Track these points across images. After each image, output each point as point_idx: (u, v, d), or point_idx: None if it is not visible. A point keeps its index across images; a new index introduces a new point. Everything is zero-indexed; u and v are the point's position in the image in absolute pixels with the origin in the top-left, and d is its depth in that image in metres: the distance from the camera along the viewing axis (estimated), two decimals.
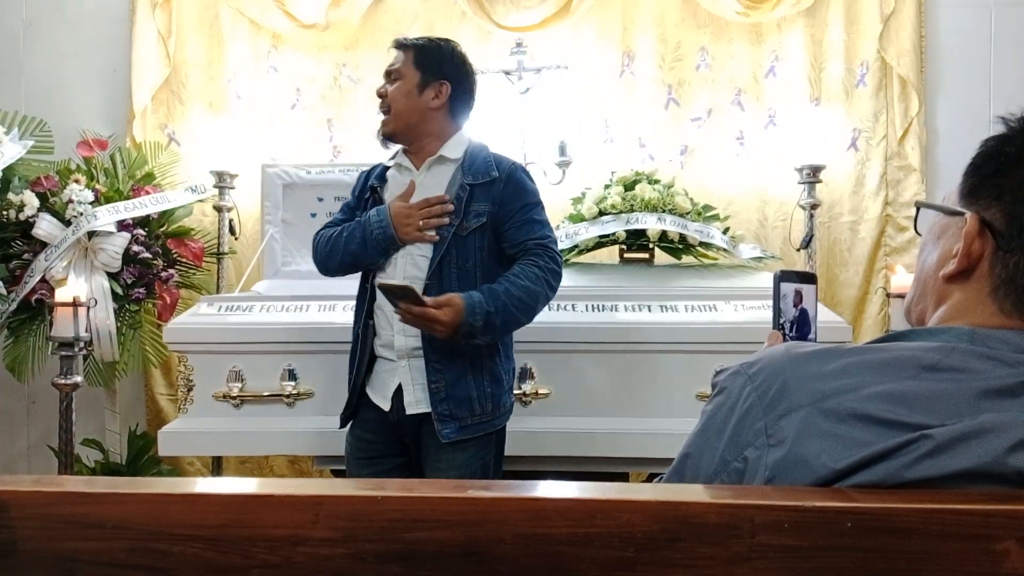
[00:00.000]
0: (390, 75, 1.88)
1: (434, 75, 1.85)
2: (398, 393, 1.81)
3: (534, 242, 1.82)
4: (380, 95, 1.88)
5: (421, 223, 1.80)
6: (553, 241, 1.86)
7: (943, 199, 0.81)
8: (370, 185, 1.92)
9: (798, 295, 1.03)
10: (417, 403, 1.81)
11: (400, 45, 1.90)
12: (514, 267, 1.81)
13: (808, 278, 1.05)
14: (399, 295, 1.67)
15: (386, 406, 1.82)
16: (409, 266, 1.83)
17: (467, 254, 1.82)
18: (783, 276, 1.03)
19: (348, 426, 1.92)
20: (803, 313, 1.03)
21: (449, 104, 1.87)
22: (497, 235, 1.84)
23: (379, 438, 1.87)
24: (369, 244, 1.83)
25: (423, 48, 1.88)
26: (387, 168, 1.94)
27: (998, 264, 0.73)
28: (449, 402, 1.78)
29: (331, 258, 1.89)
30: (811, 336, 1.03)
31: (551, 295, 1.84)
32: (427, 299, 1.68)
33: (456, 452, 1.80)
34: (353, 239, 1.85)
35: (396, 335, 1.81)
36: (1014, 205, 0.72)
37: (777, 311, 1.03)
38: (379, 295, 1.80)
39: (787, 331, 1.02)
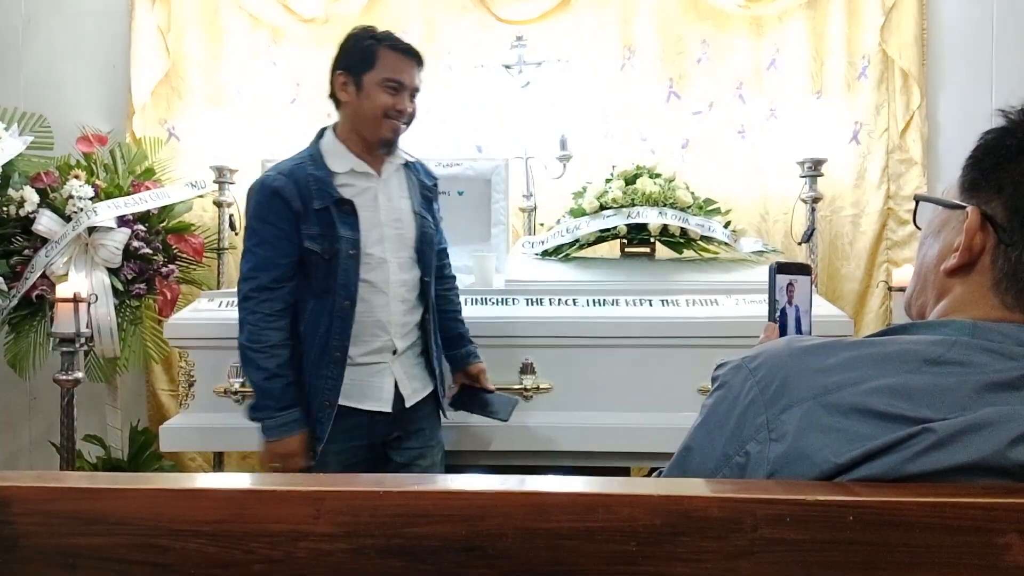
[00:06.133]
0: (416, 93, 1.86)
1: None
2: (395, 390, 1.87)
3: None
4: (410, 112, 1.85)
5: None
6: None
7: (943, 192, 0.80)
8: (336, 198, 1.78)
9: (794, 287, 1.03)
10: (414, 392, 1.90)
11: (423, 66, 1.87)
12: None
13: (804, 270, 1.06)
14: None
15: (387, 407, 1.84)
16: (398, 287, 1.87)
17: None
18: (779, 268, 1.03)
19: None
20: (799, 305, 1.04)
21: None
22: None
23: (366, 443, 1.87)
24: (261, 404, 1.76)
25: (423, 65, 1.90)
26: (331, 175, 1.80)
27: (1000, 258, 0.73)
28: (444, 381, 2.01)
29: (252, 351, 1.76)
30: (806, 328, 1.03)
31: None
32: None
33: (440, 425, 2.00)
34: (266, 384, 1.74)
35: (395, 338, 1.86)
36: (1015, 199, 0.72)
37: (773, 303, 1.03)
38: (358, 312, 1.81)
39: (783, 323, 1.02)
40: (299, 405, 1.76)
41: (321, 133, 1.89)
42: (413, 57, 1.84)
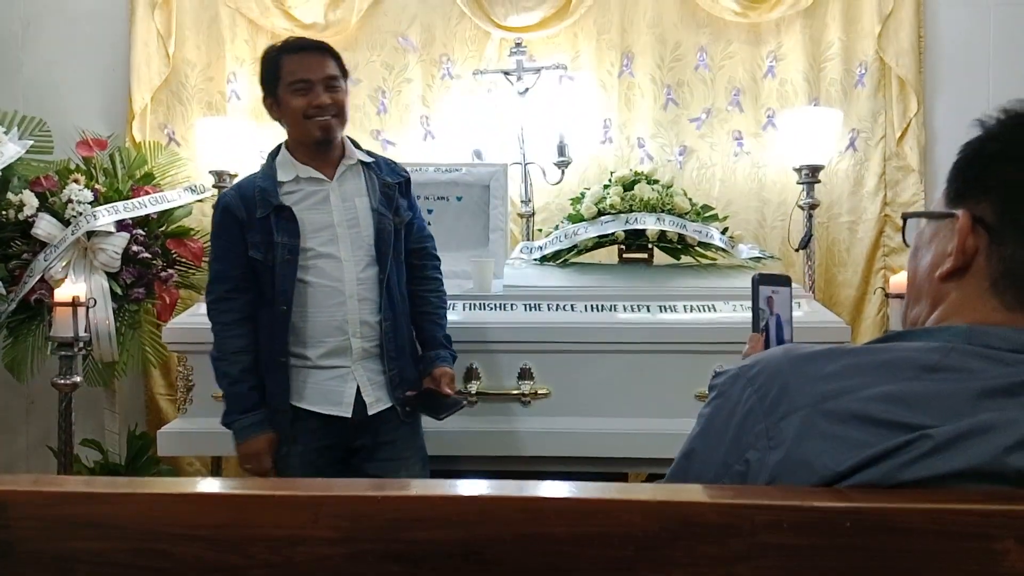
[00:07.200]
0: (332, 82, 1.85)
1: (346, 75, 1.91)
2: (356, 397, 1.85)
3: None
4: (330, 103, 1.83)
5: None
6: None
7: (930, 208, 0.81)
8: (275, 205, 1.81)
9: (776, 298, 1.06)
10: (377, 401, 1.87)
11: (332, 53, 1.89)
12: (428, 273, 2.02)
13: (784, 281, 1.10)
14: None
15: (347, 412, 1.84)
16: (355, 285, 1.85)
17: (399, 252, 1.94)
18: (761, 279, 1.06)
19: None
20: (780, 314, 1.06)
21: None
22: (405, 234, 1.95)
23: (329, 445, 1.88)
24: (229, 408, 1.86)
25: (335, 52, 1.91)
26: (276, 184, 1.84)
27: (994, 257, 0.73)
28: (403, 385, 1.89)
29: (217, 359, 1.87)
30: (788, 337, 1.06)
31: None
32: (444, 388, 1.89)
33: (418, 435, 1.95)
34: (231, 389, 1.85)
35: (353, 339, 1.84)
36: (1004, 199, 0.73)
37: (757, 314, 1.06)
38: (313, 313, 1.83)
39: (768, 333, 1.05)
40: (263, 408, 1.84)
41: (277, 149, 1.94)
42: (313, 50, 1.87)
